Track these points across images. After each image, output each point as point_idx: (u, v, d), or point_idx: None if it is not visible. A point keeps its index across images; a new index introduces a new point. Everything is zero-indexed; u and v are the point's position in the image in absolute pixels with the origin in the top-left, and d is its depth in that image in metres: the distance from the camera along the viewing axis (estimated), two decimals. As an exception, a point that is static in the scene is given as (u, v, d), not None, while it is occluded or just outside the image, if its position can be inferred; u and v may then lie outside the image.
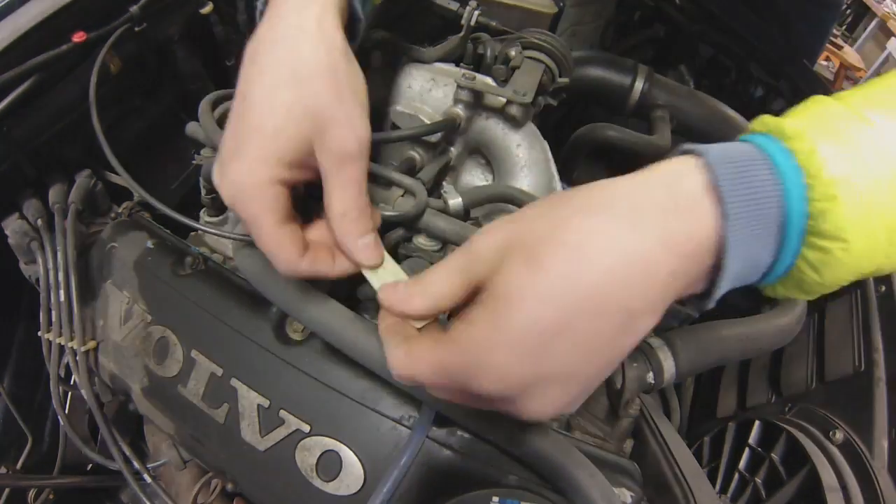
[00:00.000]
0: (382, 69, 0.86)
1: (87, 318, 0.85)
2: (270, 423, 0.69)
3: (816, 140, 0.36)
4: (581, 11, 1.15)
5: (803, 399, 0.98)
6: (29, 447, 0.98)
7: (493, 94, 0.74)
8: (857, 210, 0.35)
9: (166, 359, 0.76)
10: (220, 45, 1.13)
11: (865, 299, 1.01)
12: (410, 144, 0.80)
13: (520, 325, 0.36)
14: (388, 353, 0.44)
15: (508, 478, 0.64)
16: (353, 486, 0.66)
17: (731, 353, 0.84)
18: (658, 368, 0.76)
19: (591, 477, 0.61)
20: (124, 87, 0.97)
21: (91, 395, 0.84)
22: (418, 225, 0.68)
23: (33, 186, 0.90)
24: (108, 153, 0.75)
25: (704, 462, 0.98)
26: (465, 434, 0.65)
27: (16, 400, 0.98)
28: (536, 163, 0.77)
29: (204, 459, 0.82)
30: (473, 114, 0.77)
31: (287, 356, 0.70)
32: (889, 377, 0.89)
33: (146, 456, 0.97)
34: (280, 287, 0.69)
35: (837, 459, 0.80)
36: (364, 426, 0.67)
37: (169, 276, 0.80)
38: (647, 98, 1.02)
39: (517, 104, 0.73)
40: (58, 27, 0.83)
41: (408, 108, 0.78)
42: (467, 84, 0.72)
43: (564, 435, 0.72)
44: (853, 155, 0.35)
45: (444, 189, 0.81)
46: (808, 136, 0.36)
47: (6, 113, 0.79)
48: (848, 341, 0.98)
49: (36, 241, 0.86)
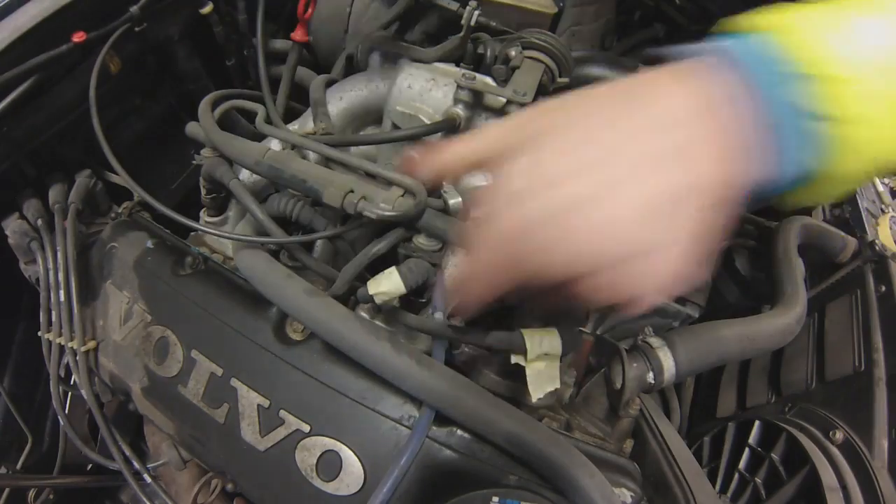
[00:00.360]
0: (382, 69, 0.86)
1: (87, 318, 0.85)
2: (270, 423, 0.69)
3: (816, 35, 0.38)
4: (581, 11, 1.15)
5: (803, 399, 0.98)
6: (29, 447, 0.98)
7: (493, 94, 0.74)
8: (862, 94, 0.37)
9: (166, 359, 0.76)
10: (220, 45, 1.13)
11: (865, 299, 1.01)
12: (410, 144, 0.80)
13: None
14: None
15: (508, 478, 0.64)
16: (353, 486, 0.66)
17: (731, 353, 0.84)
18: (658, 368, 0.76)
19: (591, 477, 0.61)
20: (124, 87, 0.97)
21: (91, 395, 0.84)
22: (418, 225, 0.68)
23: (33, 186, 0.90)
24: (107, 153, 0.75)
25: (704, 462, 0.98)
26: (465, 434, 0.65)
27: (16, 400, 0.98)
28: (536, 163, 0.77)
29: (204, 459, 0.82)
30: (473, 114, 0.77)
31: (287, 356, 0.70)
32: (889, 377, 0.89)
33: (146, 456, 0.97)
34: (280, 287, 0.69)
35: (837, 459, 0.80)
36: (364, 426, 0.67)
37: (169, 276, 0.80)
38: (647, 98, 1.02)
39: (517, 104, 0.73)
40: (58, 27, 0.83)
41: (408, 108, 0.78)
42: (467, 84, 0.72)
43: (564, 435, 0.72)
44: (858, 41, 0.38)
45: (445, 189, 0.81)
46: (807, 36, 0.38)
47: (6, 113, 0.79)
48: (848, 341, 0.98)
49: (36, 241, 0.86)
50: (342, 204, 0.67)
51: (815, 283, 1.20)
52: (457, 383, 0.64)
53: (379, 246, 0.69)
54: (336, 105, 0.83)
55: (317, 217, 0.75)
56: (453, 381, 0.64)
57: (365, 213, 0.66)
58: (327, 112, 0.82)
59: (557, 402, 0.78)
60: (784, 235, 1.10)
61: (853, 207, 1.23)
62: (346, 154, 0.75)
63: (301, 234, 0.76)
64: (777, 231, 1.12)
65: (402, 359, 0.64)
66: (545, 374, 0.65)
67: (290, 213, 0.74)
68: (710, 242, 0.39)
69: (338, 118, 0.83)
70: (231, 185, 0.76)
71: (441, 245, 0.70)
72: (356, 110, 0.84)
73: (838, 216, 1.27)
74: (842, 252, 1.15)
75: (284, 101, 0.93)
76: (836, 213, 1.28)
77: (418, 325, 0.68)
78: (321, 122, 0.81)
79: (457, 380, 0.65)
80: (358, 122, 0.86)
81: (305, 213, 0.74)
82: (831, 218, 1.29)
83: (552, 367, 0.65)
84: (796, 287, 0.98)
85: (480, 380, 0.74)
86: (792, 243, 1.08)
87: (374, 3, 1.08)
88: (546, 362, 0.65)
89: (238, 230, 0.88)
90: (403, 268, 0.67)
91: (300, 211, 0.74)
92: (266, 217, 0.73)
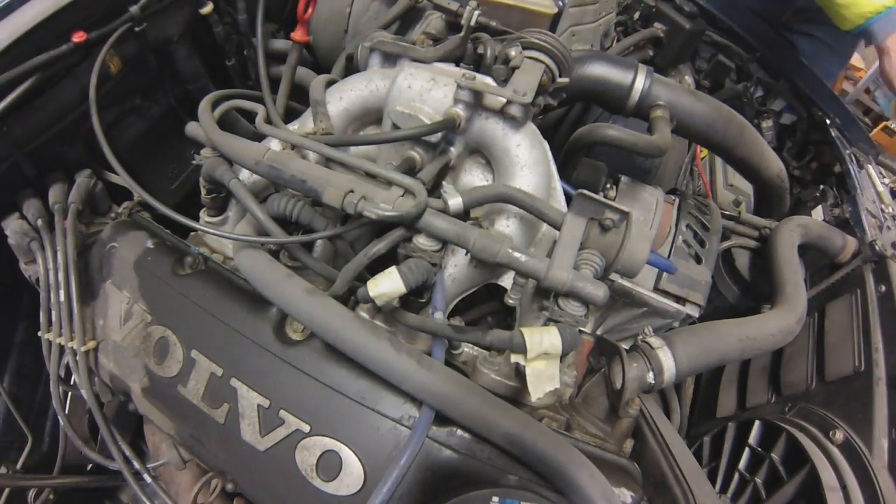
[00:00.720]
0: (382, 69, 0.86)
1: (87, 318, 0.85)
2: (270, 423, 0.69)
3: None
4: (581, 11, 1.14)
5: (803, 399, 0.98)
6: (29, 447, 0.98)
7: (493, 94, 0.74)
8: None
9: (166, 359, 0.76)
10: (220, 45, 1.13)
11: (865, 299, 1.01)
12: (410, 144, 0.80)
13: None
14: None
15: (508, 478, 0.64)
16: (353, 486, 0.66)
17: (731, 353, 0.84)
18: (658, 368, 0.76)
19: (591, 477, 0.61)
20: (124, 87, 0.97)
21: (91, 395, 0.84)
22: (418, 225, 0.68)
23: (33, 186, 0.90)
24: (107, 153, 0.75)
25: (704, 462, 0.98)
26: (465, 434, 0.65)
27: (16, 400, 0.98)
28: (536, 163, 0.77)
29: (204, 459, 0.82)
30: (473, 114, 0.77)
31: (287, 356, 0.70)
32: (889, 377, 0.89)
33: (146, 456, 0.97)
34: (280, 287, 0.69)
35: (837, 459, 0.80)
36: (364, 426, 0.67)
37: (169, 276, 0.80)
38: (647, 98, 1.01)
39: (517, 104, 0.73)
40: (58, 27, 0.84)
41: (408, 108, 0.77)
42: (467, 84, 0.72)
43: (564, 435, 0.72)
44: None
45: (444, 189, 0.81)
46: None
47: (6, 113, 0.79)
48: (848, 341, 0.98)
49: (36, 241, 0.86)
50: (342, 204, 0.67)
51: (815, 283, 1.20)
52: (457, 383, 0.64)
53: (379, 246, 0.69)
54: (336, 105, 0.83)
55: (317, 217, 0.75)
56: (453, 381, 0.64)
57: (365, 213, 0.66)
58: (327, 112, 0.82)
59: (557, 402, 0.78)
60: (784, 235, 1.10)
61: (853, 207, 1.23)
62: (345, 154, 0.75)
63: (301, 234, 0.76)
64: (777, 231, 1.12)
65: (402, 359, 0.64)
66: (545, 374, 0.65)
67: (290, 213, 0.74)
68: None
69: (338, 118, 0.83)
70: (231, 185, 0.76)
71: (441, 245, 0.70)
72: (356, 110, 0.84)
73: (838, 216, 1.27)
74: (842, 252, 1.16)
75: (284, 102, 0.93)
76: (836, 213, 1.28)
77: (419, 325, 0.68)
78: (321, 122, 0.81)
79: (457, 380, 0.65)
80: (358, 122, 0.86)
81: (305, 214, 0.74)
82: (831, 218, 1.29)
83: (552, 366, 0.65)
84: (796, 287, 0.98)
85: (480, 380, 0.74)
86: (792, 243, 1.09)
87: (374, 3, 1.08)
88: (546, 362, 0.64)
89: (238, 230, 0.88)
90: (403, 267, 0.67)
91: (300, 211, 0.74)
92: (266, 217, 0.72)
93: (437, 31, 0.87)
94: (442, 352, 0.68)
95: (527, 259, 0.66)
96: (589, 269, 0.67)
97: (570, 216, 0.66)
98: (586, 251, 0.66)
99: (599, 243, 0.66)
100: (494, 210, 0.78)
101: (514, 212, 0.77)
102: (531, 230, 0.80)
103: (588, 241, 0.67)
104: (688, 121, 1.03)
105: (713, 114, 1.04)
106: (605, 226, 0.65)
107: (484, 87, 0.73)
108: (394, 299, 0.66)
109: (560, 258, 0.65)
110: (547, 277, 0.65)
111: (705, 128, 1.04)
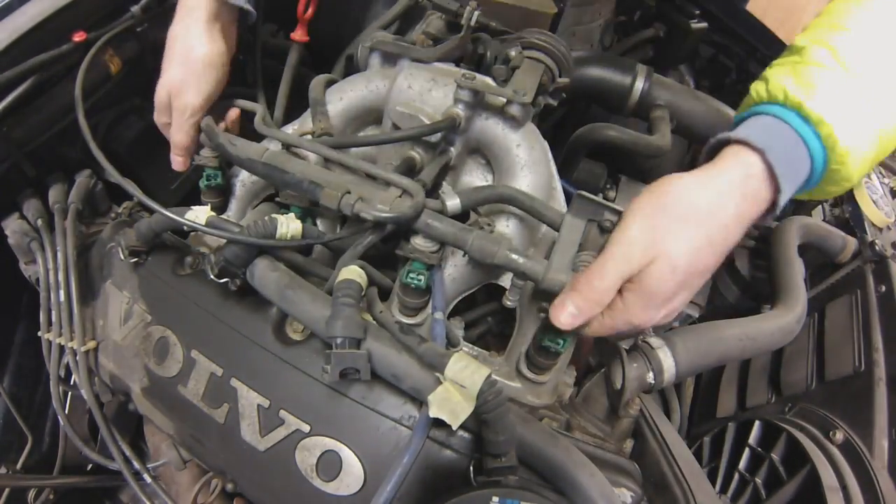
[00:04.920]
0: (382, 69, 0.86)
1: (87, 318, 0.85)
2: (270, 423, 0.69)
3: (833, 124, 0.56)
4: (581, 11, 1.14)
5: (803, 399, 0.98)
6: (29, 447, 0.98)
7: (493, 93, 0.74)
8: (859, 158, 0.58)
9: (166, 359, 0.76)
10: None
11: (865, 299, 1.01)
12: (410, 144, 0.80)
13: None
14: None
15: (508, 478, 0.64)
16: (353, 486, 0.66)
17: (731, 353, 0.84)
18: (658, 368, 0.76)
19: (591, 477, 0.61)
20: (124, 87, 0.97)
21: (91, 395, 0.84)
22: (415, 226, 0.68)
23: (33, 186, 0.90)
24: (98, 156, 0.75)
25: (704, 462, 0.98)
26: (465, 434, 0.65)
27: (16, 400, 0.98)
28: (536, 163, 0.77)
29: (204, 459, 0.82)
30: (473, 114, 0.76)
31: (287, 356, 0.70)
32: (889, 377, 0.89)
33: (146, 456, 0.97)
34: (280, 287, 0.69)
35: (837, 459, 0.80)
36: (364, 426, 0.67)
37: (169, 276, 0.80)
38: (647, 98, 1.02)
39: (517, 104, 0.73)
40: (58, 27, 0.84)
41: (408, 108, 0.77)
42: (467, 84, 0.72)
43: (564, 435, 0.72)
44: (856, 124, 0.57)
45: (443, 190, 0.81)
46: (826, 122, 0.56)
47: (6, 113, 0.79)
48: (848, 341, 0.98)
49: (36, 241, 0.86)
50: (339, 205, 0.67)
51: (815, 283, 1.20)
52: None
53: (366, 241, 0.70)
54: (336, 105, 0.83)
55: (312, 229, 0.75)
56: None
57: (362, 214, 0.66)
58: (327, 112, 0.82)
59: (557, 401, 0.78)
60: (784, 235, 1.10)
61: (853, 207, 1.23)
62: (344, 154, 0.75)
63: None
64: (777, 231, 1.12)
65: (401, 358, 0.64)
66: (450, 401, 0.58)
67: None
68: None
69: (337, 118, 0.83)
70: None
71: (439, 246, 0.70)
72: (356, 110, 0.84)
73: (838, 216, 1.27)
74: (842, 252, 1.16)
75: (285, 102, 0.93)
76: (836, 213, 1.28)
77: (377, 318, 0.67)
78: (320, 122, 0.81)
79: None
80: (358, 122, 0.86)
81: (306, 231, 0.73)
82: (831, 218, 1.29)
83: (461, 404, 0.58)
84: (796, 287, 0.98)
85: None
86: (792, 243, 1.09)
87: (375, 3, 1.08)
88: (458, 394, 0.59)
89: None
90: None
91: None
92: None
93: (438, 31, 0.87)
94: (443, 333, 0.67)
95: (524, 261, 0.66)
96: (588, 270, 0.67)
97: (569, 217, 0.66)
98: (585, 252, 0.66)
99: (598, 244, 0.66)
100: (494, 210, 0.78)
101: (514, 212, 0.77)
102: (532, 231, 0.80)
103: (587, 242, 0.66)
104: (688, 121, 1.03)
105: (713, 114, 1.04)
106: (605, 227, 0.65)
107: (484, 87, 0.73)
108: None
109: (558, 260, 0.65)
110: (545, 279, 0.65)
111: (705, 128, 1.04)
